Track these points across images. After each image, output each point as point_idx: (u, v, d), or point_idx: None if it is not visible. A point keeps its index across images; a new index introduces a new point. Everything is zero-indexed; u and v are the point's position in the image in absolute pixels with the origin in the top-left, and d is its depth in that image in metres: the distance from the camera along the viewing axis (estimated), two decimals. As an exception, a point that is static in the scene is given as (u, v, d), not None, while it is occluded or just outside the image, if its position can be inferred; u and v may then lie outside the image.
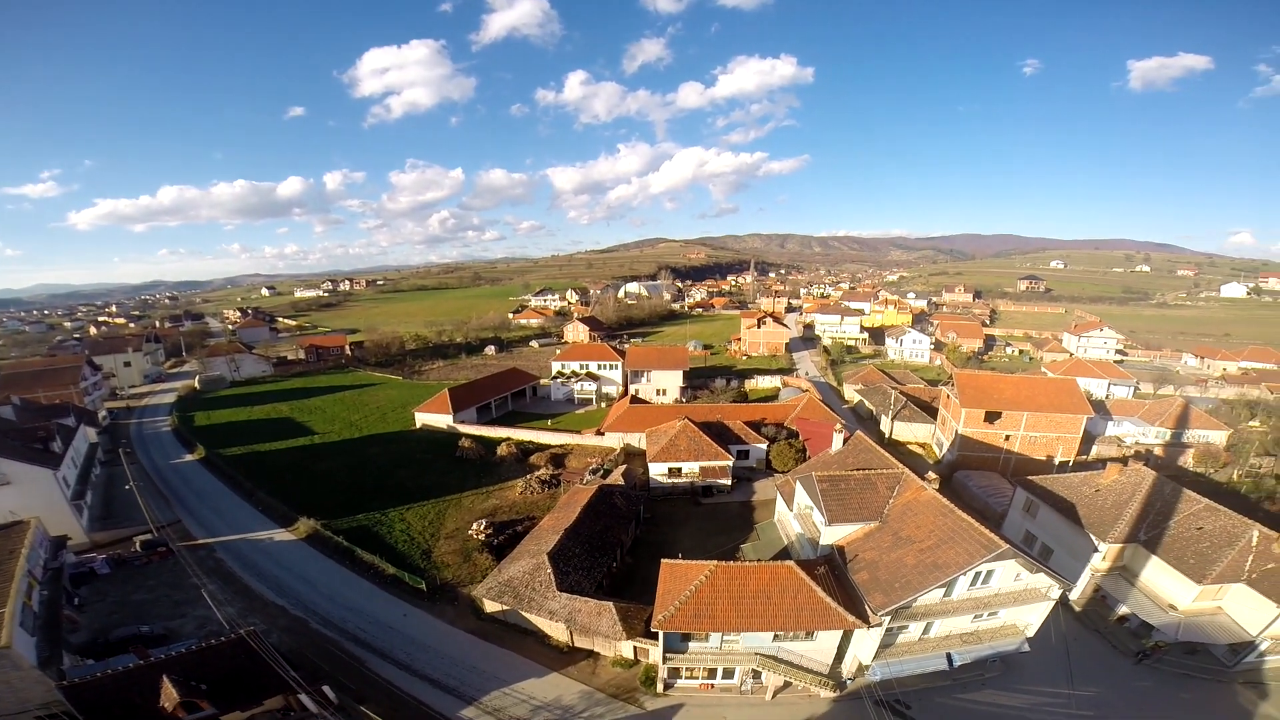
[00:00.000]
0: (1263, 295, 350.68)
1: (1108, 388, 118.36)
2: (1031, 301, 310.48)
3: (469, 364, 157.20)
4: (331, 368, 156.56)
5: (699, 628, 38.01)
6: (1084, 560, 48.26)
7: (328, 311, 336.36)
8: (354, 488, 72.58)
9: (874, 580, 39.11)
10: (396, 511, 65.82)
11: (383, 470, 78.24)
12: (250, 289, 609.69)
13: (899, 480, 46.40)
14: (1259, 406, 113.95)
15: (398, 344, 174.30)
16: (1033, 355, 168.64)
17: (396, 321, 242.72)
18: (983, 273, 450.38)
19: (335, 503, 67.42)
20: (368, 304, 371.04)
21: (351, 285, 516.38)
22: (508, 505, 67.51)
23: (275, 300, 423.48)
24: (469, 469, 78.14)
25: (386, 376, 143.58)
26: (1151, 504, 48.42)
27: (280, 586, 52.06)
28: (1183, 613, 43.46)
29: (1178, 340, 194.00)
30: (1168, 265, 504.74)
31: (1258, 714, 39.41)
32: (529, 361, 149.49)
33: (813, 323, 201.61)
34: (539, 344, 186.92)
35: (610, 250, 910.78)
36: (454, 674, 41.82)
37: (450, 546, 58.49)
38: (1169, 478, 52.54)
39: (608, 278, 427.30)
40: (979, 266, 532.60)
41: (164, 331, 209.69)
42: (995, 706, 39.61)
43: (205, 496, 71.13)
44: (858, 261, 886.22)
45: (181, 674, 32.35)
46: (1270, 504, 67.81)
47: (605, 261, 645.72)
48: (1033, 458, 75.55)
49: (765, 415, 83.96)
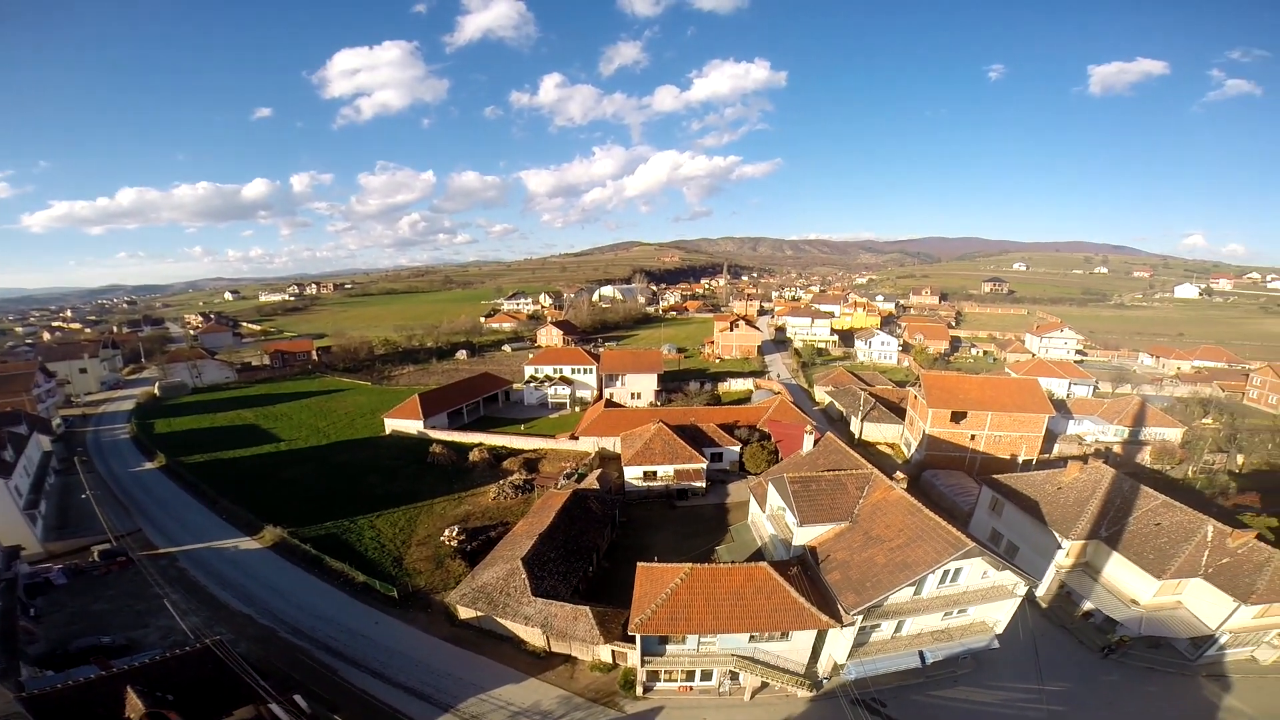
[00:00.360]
0: (1214, 296, 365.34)
1: (1068, 387, 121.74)
2: (995, 303, 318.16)
3: (440, 369, 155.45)
4: (298, 373, 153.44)
5: (676, 630, 38.08)
6: (1048, 557, 49.44)
7: (294, 316, 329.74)
8: (322, 495, 71.27)
9: (846, 580, 39.60)
10: (366, 519, 64.82)
11: (351, 477, 76.95)
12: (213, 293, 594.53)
13: (868, 480, 47.07)
14: (1211, 404, 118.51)
15: (366, 349, 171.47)
16: (996, 356, 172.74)
17: (365, 326, 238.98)
18: (948, 275, 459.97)
19: (302, 510, 66.20)
20: (335, 308, 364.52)
21: (318, 289, 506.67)
22: (480, 511, 66.85)
23: (239, 305, 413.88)
24: (440, 475, 77.26)
25: (355, 382, 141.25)
26: (1111, 501, 49.78)
27: (247, 595, 50.95)
28: (1145, 607, 44.53)
29: (1134, 340, 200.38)
30: (1125, 267, 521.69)
31: (1222, 706, 40.39)
32: (501, 366, 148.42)
33: (784, 325, 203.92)
34: (512, 348, 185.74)
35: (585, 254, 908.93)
36: (429, 681, 41.29)
37: (422, 553, 57.76)
38: (1127, 475, 54.00)
39: (582, 281, 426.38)
40: (944, 269, 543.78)
41: (122, 337, 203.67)
42: (969, 703, 40.29)
43: (167, 505, 69.24)
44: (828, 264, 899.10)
45: (146, 685, 31.30)
46: (1224, 499, 70.28)
47: (579, 265, 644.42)
48: (998, 456, 77.28)
49: (738, 418, 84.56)
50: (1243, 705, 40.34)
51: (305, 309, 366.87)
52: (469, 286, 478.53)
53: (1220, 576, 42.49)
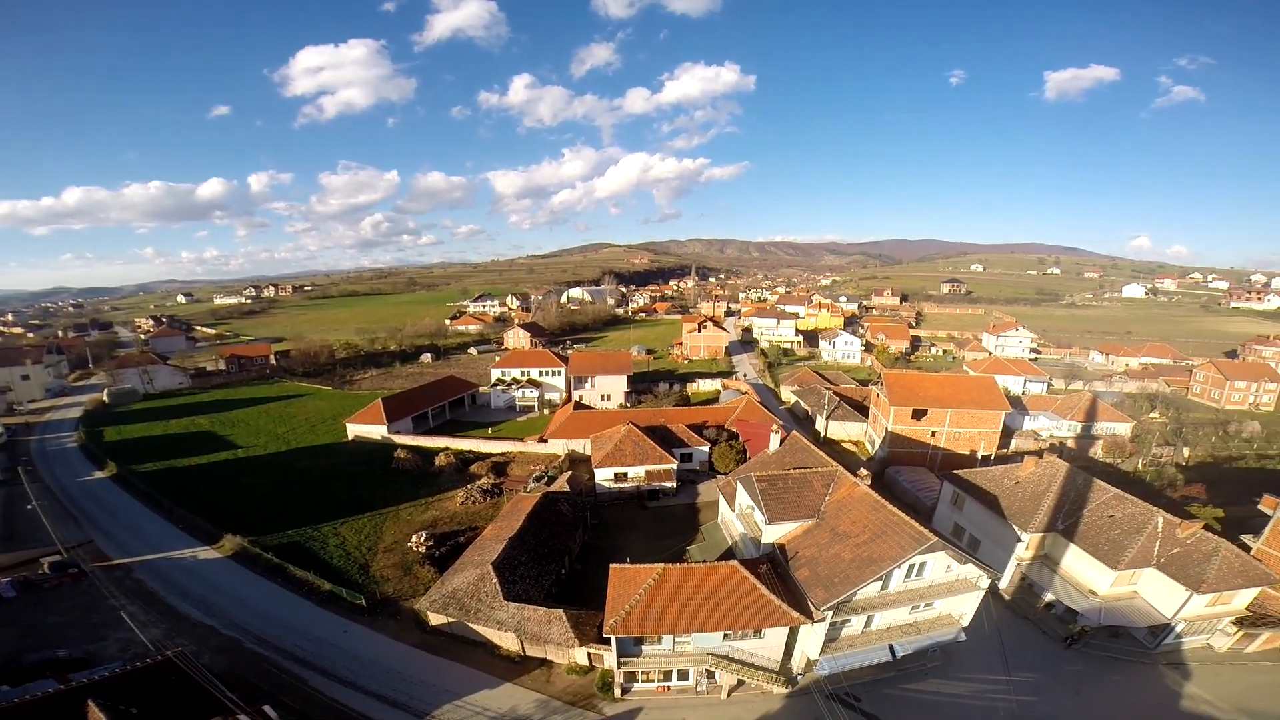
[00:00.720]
0: (1159, 296, 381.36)
1: (1024, 384, 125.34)
2: (953, 303, 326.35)
3: (404, 373, 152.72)
4: (255, 379, 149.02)
5: (650, 631, 38.17)
6: (1009, 550, 50.89)
7: (251, 319, 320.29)
8: (283, 502, 69.47)
9: (815, 576, 40.17)
10: (330, 526, 63.44)
11: (313, 484, 75.20)
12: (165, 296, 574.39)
13: (833, 477, 47.88)
14: (1158, 399, 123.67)
15: (327, 353, 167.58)
16: (955, 355, 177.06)
17: (326, 329, 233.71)
18: (909, 276, 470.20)
19: (263, 518, 64.49)
20: (294, 311, 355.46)
21: (277, 291, 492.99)
22: (448, 516, 66.00)
23: (193, 308, 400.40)
24: (406, 480, 76.04)
25: (315, 387, 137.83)
26: (1066, 494, 51.50)
27: (208, 606, 49.50)
28: (1103, 598, 45.96)
29: (1085, 338, 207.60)
30: (1076, 267, 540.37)
31: (1183, 694, 41.75)
32: (467, 369, 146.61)
33: (751, 326, 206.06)
34: (478, 351, 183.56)
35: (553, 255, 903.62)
36: (402, 688, 40.67)
37: (389, 560, 56.78)
38: (1081, 468, 56.11)
39: (550, 283, 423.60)
40: (905, 270, 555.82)
41: (67, 341, 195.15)
42: (940, 695, 41.16)
43: (119, 515, 66.66)
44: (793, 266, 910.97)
45: (108, 698, 30.21)
46: (1172, 491, 73.27)
47: (547, 266, 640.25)
48: (958, 452, 79.36)
49: (707, 418, 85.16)
50: (1203, 692, 41.65)
51: (263, 312, 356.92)
52: (434, 288, 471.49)
53: (1172, 566, 44.08)
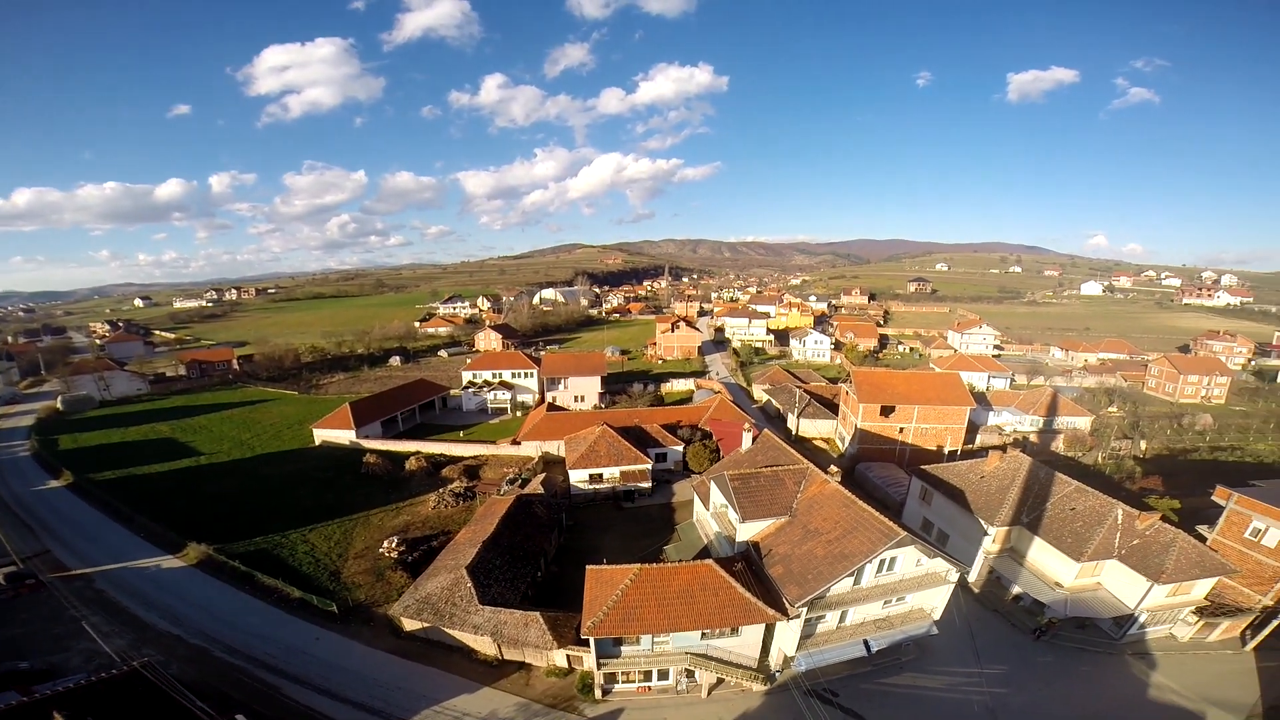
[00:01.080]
0: (1115, 293, 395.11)
1: (988, 380, 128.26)
2: (920, 302, 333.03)
3: (372, 376, 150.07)
4: (217, 384, 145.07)
5: (628, 631, 38.20)
6: (976, 544, 51.97)
7: (212, 323, 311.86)
8: (248, 510, 67.91)
9: (789, 573, 40.61)
10: (298, 533, 62.23)
11: (280, 490, 73.58)
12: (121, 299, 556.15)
13: (805, 475, 48.49)
14: (1116, 394, 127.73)
15: (292, 357, 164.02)
16: (922, 352, 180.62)
17: (291, 332, 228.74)
18: (876, 276, 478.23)
19: (229, 526, 63.04)
20: (258, 314, 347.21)
21: (239, 294, 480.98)
22: (420, 521, 65.11)
23: (151, 312, 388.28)
24: (376, 486, 74.86)
25: (280, 392, 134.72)
26: (1030, 488, 52.89)
27: (174, 615, 48.25)
28: (1068, 589, 47.14)
29: (1046, 335, 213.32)
30: (1036, 266, 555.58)
31: (1150, 684, 42.91)
32: (438, 372, 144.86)
33: (723, 326, 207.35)
34: (448, 353, 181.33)
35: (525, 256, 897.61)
36: (379, 695, 40.11)
37: (360, 566, 55.92)
38: (1043, 463, 57.45)
39: (522, 284, 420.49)
40: (873, 270, 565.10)
41: (18, 347, 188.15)
42: (915, 688, 41.84)
43: (77, 525, 64.48)
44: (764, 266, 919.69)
45: (74, 710, 29.23)
46: (1130, 483, 75.33)
47: (519, 268, 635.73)
48: (925, 448, 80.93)
49: (680, 418, 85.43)
50: (1169, 682, 42.83)
51: (225, 315, 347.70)
52: (402, 290, 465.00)
53: (1133, 558, 45.46)
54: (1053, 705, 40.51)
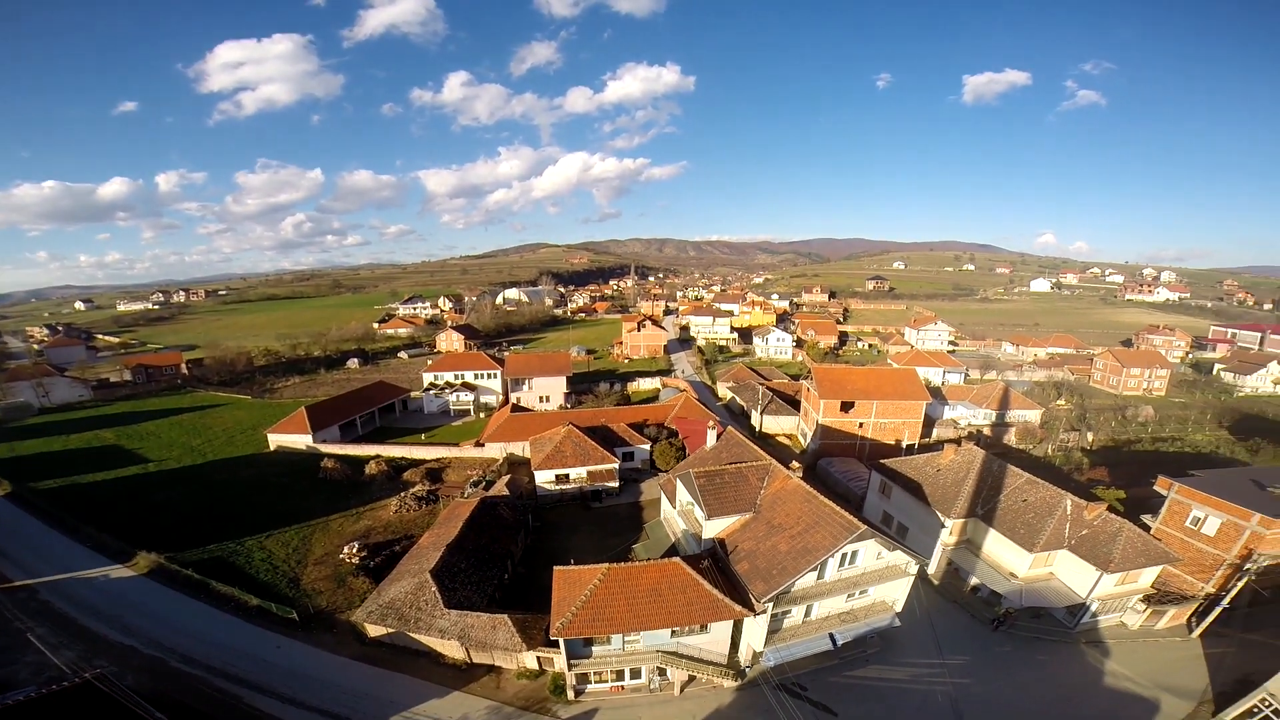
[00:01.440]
0: (1063, 289, 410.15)
1: (943, 375, 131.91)
2: (878, 300, 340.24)
3: (329, 379, 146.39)
4: (165, 389, 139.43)
5: (598, 631, 38.12)
6: (934, 536, 53.28)
7: (159, 326, 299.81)
8: (201, 517, 65.64)
9: (754, 569, 41.05)
10: (254, 540, 60.45)
11: (234, 497, 71.28)
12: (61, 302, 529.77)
13: (768, 471, 49.07)
14: (1064, 387, 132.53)
15: (244, 360, 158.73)
16: (880, 349, 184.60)
17: (243, 335, 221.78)
18: (836, 274, 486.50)
19: (181, 534, 60.80)
20: (208, 316, 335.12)
21: (188, 296, 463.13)
22: (382, 526, 63.88)
23: (93, 315, 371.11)
24: (335, 491, 73.01)
25: (232, 396, 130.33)
26: (984, 480, 54.37)
27: (126, 626, 46.40)
28: (1023, 580, 48.46)
29: (998, 330, 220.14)
30: (988, 264, 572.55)
31: (1105, 671, 44.42)
32: (398, 374, 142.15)
33: (688, 324, 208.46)
34: (409, 355, 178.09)
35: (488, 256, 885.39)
36: (345, 702, 39.32)
37: (321, 572, 54.64)
38: (996, 455, 59.19)
39: (485, 284, 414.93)
40: (833, 268, 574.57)
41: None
42: (881, 680, 42.68)
43: (17, 535, 61.15)
44: (728, 264, 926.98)
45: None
46: (1078, 474, 78.19)
47: (482, 267, 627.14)
48: (884, 442, 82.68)
49: (647, 417, 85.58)
50: (1122, 669, 44.43)
51: (173, 318, 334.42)
52: (361, 291, 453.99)
53: (1082, 547, 46.93)
54: (1013, 694, 41.68)
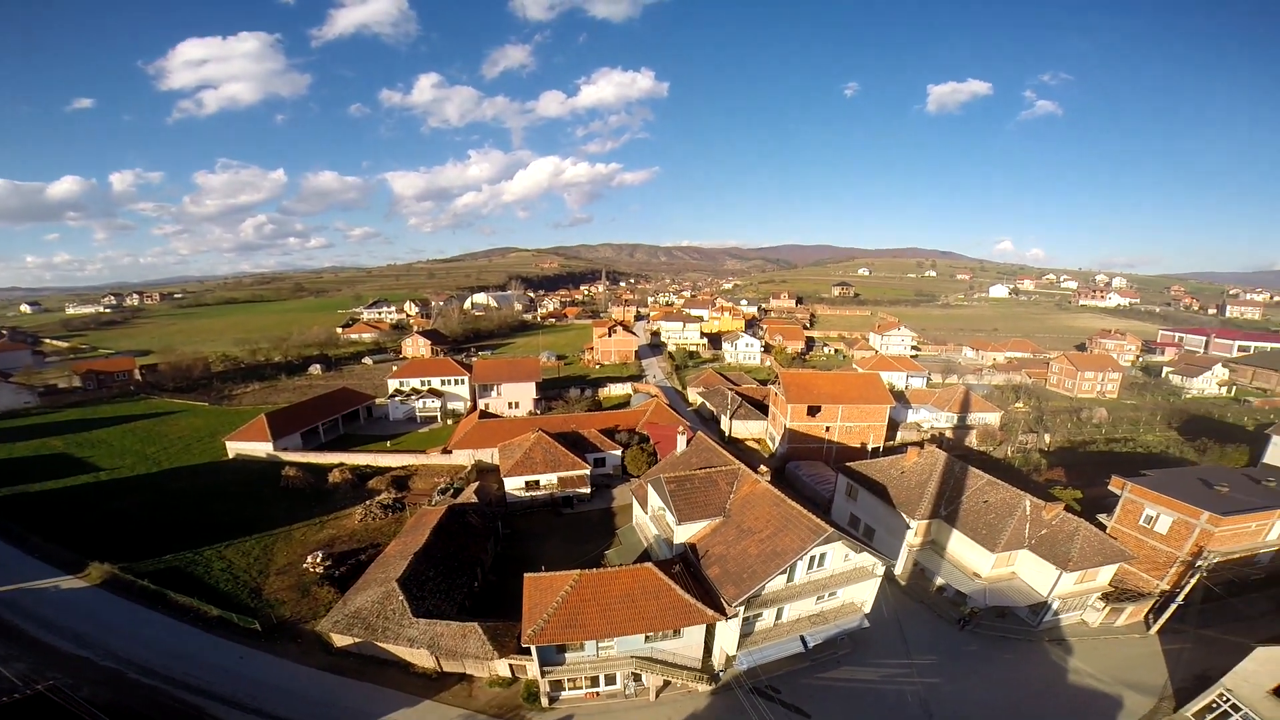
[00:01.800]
0: (1020, 295, 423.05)
1: (906, 379, 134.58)
2: (844, 305, 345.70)
3: (290, 385, 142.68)
4: (117, 395, 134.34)
5: (570, 638, 37.98)
6: (900, 537, 54.33)
7: (112, 330, 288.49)
8: (157, 526, 63.46)
9: (725, 573, 41.30)
10: (214, 549, 58.76)
11: (192, 506, 69.07)
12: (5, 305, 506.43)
13: (737, 475, 49.44)
14: (1022, 390, 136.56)
15: (201, 366, 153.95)
16: (846, 354, 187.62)
17: (200, 340, 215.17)
18: (804, 280, 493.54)
19: (136, 544, 58.78)
20: (163, 320, 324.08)
21: (142, 299, 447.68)
22: (346, 534, 62.71)
23: (40, 318, 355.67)
24: (297, 499, 71.43)
25: (189, 403, 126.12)
26: (946, 482, 55.67)
27: (79, 638, 44.86)
28: (986, 580, 49.58)
29: (958, 335, 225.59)
30: (949, 270, 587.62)
31: (1069, 669, 45.57)
32: (362, 380, 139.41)
33: (659, 330, 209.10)
34: (373, 360, 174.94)
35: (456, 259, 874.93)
36: (314, 713, 38.63)
37: (284, 582, 53.53)
38: (958, 457, 60.56)
39: (453, 288, 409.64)
40: (800, 274, 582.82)
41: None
42: (853, 681, 43.31)
43: (-40, 546, 58.69)
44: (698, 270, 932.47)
45: None
46: (1037, 475, 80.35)
47: (449, 271, 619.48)
48: (850, 446, 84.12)
49: (618, 422, 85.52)
50: (1084, 666, 45.67)
51: (125, 322, 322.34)
52: (324, 294, 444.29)
53: (1042, 547, 48.22)
54: (981, 693, 42.63)
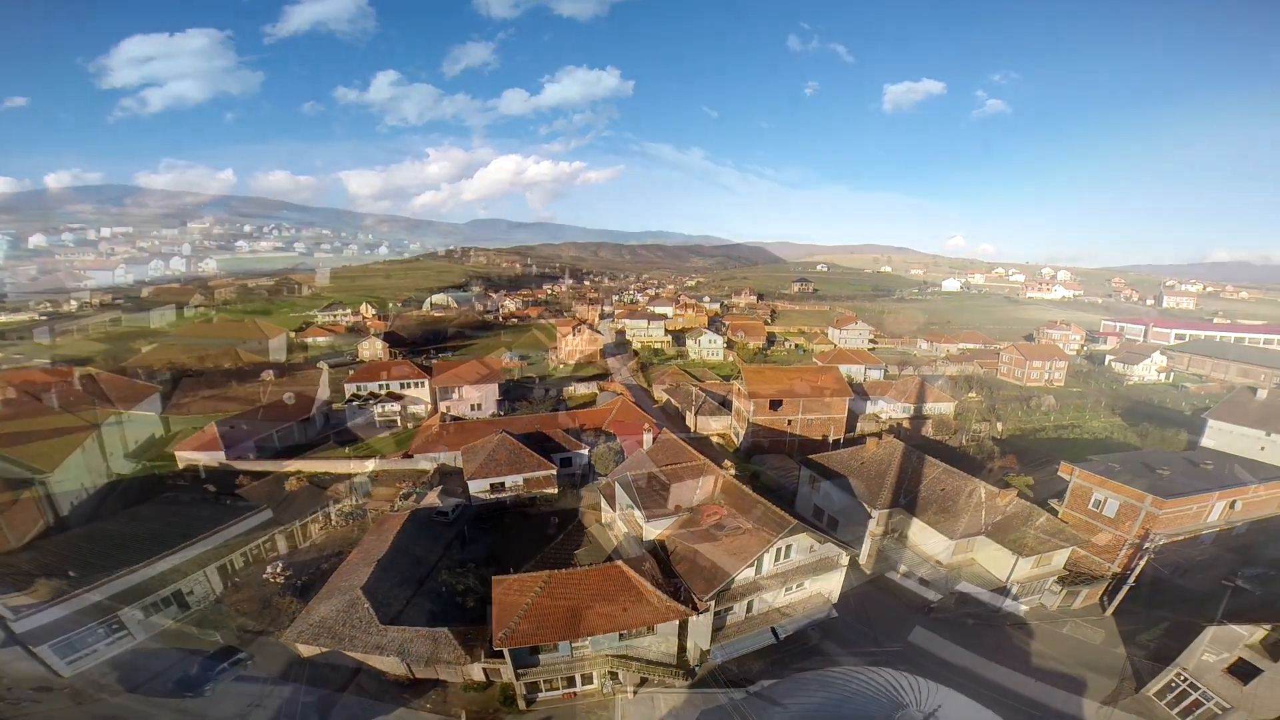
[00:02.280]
0: (971, 289, 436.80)
1: (864, 372, 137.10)
2: (803, 301, 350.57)
3: (241, 392, 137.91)
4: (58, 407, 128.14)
5: (542, 639, 37.81)
6: (863, 526, 55.38)
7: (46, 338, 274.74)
8: (103, 540, 60.37)
9: (695, 568, 41.68)
10: (166, 562, 56.14)
11: (140, 518, 66.01)
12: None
13: (702, 471, 49.97)
14: (974, 380, 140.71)
15: (146, 373, 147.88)
16: (806, 348, 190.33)
17: (144, 345, 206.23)
18: (764, 277, 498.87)
19: (82, 559, 55.60)
20: (104, 326, 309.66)
21: (80, 305, 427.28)
22: (307, 543, 61.40)
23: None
24: (253, 509, 69.00)
25: (134, 412, 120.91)
26: (905, 471, 57.11)
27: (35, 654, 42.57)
28: (947, 566, 50.86)
29: (913, 328, 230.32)
30: (904, 265, 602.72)
31: (1031, 652, 46.85)
32: (318, 385, 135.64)
33: (624, 328, 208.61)
34: (329, 364, 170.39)
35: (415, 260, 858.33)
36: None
37: (244, 594, 52.11)
38: (915, 447, 62.26)
39: (411, 289, 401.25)
40: (761, 271, 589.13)
41: None
42: (824, 670, 42.87)
43: None
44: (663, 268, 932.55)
45: None
46: (991, 463, 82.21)
47: (408, 272, 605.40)
48: (812, 438, 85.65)
49: (584, 421, 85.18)
50: (1046, 649, 47.09)
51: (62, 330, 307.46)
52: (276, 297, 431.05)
53: (998, 533, 49.68)
54: (949, 679, 43.38)
